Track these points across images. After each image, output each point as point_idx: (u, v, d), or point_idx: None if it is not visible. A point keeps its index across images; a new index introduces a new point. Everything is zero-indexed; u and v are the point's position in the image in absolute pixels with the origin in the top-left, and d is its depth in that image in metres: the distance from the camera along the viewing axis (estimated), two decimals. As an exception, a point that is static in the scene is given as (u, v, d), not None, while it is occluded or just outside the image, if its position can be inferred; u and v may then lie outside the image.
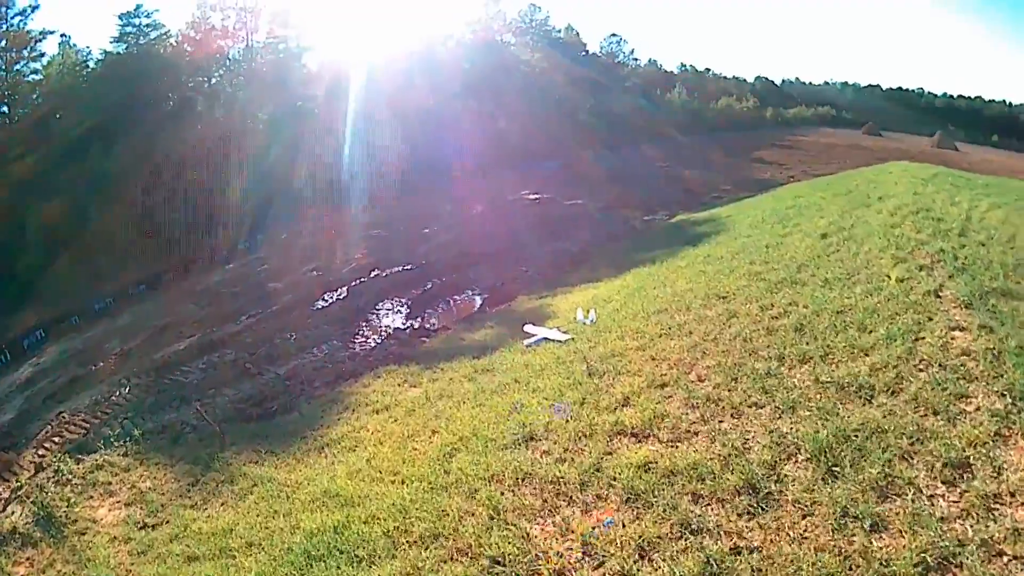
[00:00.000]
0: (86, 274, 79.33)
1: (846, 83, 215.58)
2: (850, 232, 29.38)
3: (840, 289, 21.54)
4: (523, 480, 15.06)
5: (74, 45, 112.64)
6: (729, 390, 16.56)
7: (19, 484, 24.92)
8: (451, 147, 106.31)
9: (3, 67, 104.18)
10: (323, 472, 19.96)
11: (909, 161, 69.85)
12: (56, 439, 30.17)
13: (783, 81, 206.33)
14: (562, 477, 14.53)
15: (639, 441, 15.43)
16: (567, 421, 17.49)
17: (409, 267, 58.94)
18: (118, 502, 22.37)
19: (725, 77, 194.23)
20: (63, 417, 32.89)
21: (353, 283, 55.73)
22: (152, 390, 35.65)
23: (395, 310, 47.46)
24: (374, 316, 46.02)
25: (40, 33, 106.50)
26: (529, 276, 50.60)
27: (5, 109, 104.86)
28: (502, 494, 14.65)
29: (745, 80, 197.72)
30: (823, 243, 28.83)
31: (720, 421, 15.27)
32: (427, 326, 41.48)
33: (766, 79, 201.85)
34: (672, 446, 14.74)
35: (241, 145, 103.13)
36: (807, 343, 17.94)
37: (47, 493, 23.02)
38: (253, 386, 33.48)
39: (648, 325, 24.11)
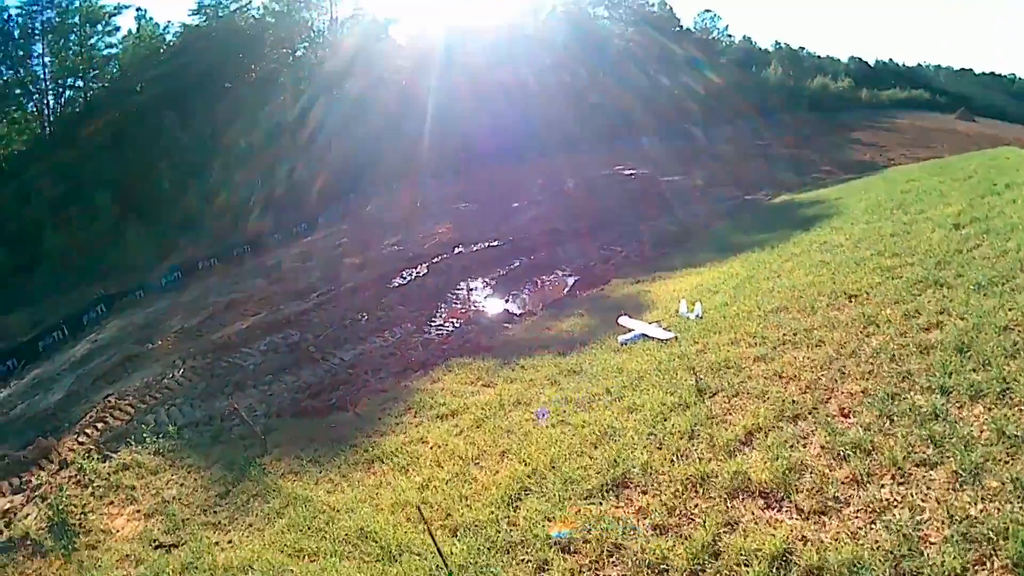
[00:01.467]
0: (156, 246, 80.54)
1: (939, 66, 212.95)
2: (987, 224, 25.25)
3: (1000, 297, 17.53)
4: (609, 555, 11.75)
5: (151, 19, 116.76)
6: (884, 434, 12.89)
7: (39, 482, 23.22)
8: (542, 121, 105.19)
9: (77, 42, 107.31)
10: (366, 498, 17.13)
11: (1005, 147, 66.48)
12: (99, 425, 28.37)
13: (876, 62, 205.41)
14: (664, 559, 11.15)
15: (769, 507, 11.87)
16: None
17: (495, 243, 55.98)
18: (138, 511, 20.16)
19: (819, 56, 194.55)
20: (109, 401, 31.21)
21: (435, 259, 52.91)
22: (206, 373, 33.76)
23: (477, 290, 43.92)
24: (454, 297, 42.52)
25: (115, 8, 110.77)
26: (624, 257, 46.73)
27: (80, 83, 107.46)
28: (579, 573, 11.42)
29: (839, 60, 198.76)
30: (959, 235, 24.84)
31: (880, 485, 11.58)
32: (511, 310, 38.09)
33: (860, 59, 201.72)
34: (816, 522, 11.14)
35: (325, 118, 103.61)
36: (975, 371, 14.15)
37: (66, 495, 21.20)
38: (314, 373, 30.90)
39: (766, 327, 20.45)
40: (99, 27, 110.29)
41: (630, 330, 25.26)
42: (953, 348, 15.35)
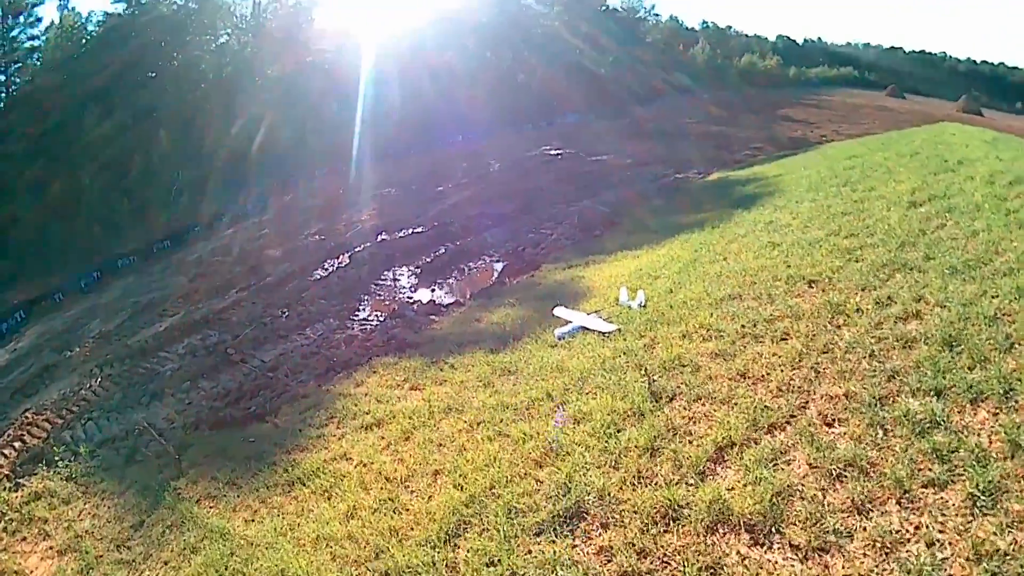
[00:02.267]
0: (79, 247, 78.01)
1: (868, 44, 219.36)
2: (947, 203, 23.75)
3: (979, 282, 15.88)
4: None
5: (73, 9, 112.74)
6: (880, 448, 11.06)
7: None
8: (468, 104, 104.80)
9: None
10: (287, 530, 15.14)
11: (933, 124, 67.19)
12: (16, 444, 26.99)
13: (805, 40, 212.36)
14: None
15: (758, 543, 9.92)
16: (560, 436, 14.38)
17: (420, 230, 54.05)
18: (51, 548, 18.47)
19: (746, 35, 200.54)
20: (27, 417, 29.73)
21: (357, 248, 50.88)
22: (123, 382, 31.99)
23: (402, 280, 42.04)
24: (378, 288, 40.67)
25: None
26: (554, 240, 44.90)
27: (2, 78, 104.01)
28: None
29: (766, 39, 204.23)
30: (918, 214, 23.32)
31: (885, 512, 9.73)
32: (437, 301, 36.23)
33: (787, 38, 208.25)
34: (818, 562, 9.30)
35: (247, 105, 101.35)
36: (971, 369, 12.42)
37: None
38: (233, 378, 29.22)
39: (720, 318, 18.56)
40: (21, 18, 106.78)
41: (567, 322, 23.25)
42: (940, 342, 13.63)
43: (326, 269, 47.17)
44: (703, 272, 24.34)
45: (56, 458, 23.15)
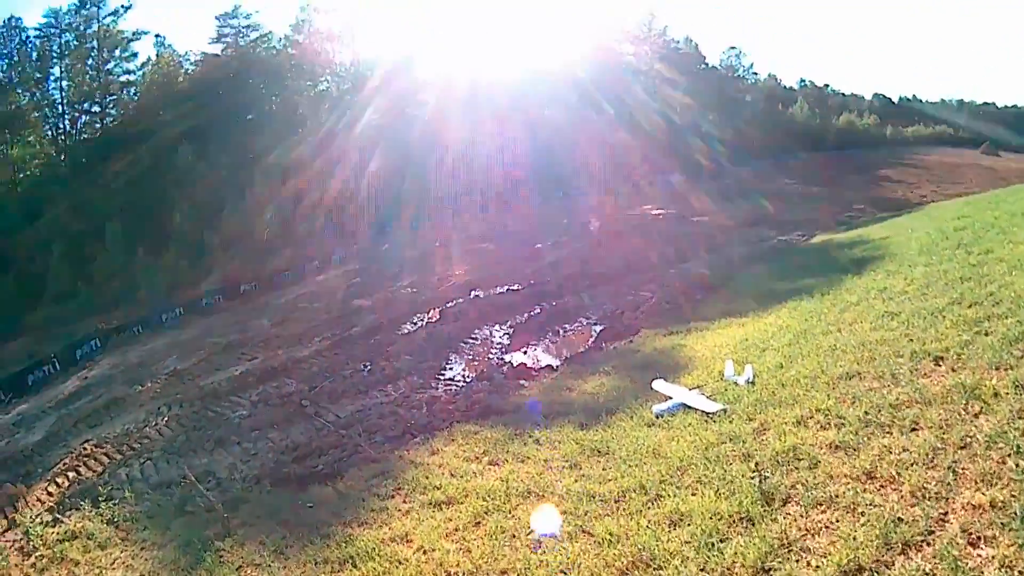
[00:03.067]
0: (164, 281, 79.13)
1: (962, 100, 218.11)
2: None
3: None
4: None
5: (170, 46, 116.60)
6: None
7: (-21, 548, 20.47)
8: (567, 159, 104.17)
9: (94, 66, 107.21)
10: None
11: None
12: (70, 474, 27.39)
13: (900, 98, 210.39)
14: None
15: None
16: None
17: (515, 288, 52.80)
18: None
19: (843, 93, 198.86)
20: (86, 448, 30.21)
21: (449, 304, 49.82)
22: (189, 425, 31.76)
23: (493, 340, 40.58)
24: (467, 347, 39.29)
25: (133, 33, 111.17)
26: (655, 304, 43.15)
27: (97, 108, 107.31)
28: None
29: (863, 97, 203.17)
30: None
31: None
32: (528, 364, 34.59)
33: (884, 96, 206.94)
34: None
35: (345, 152, 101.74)
36: None
37: (5, 561, 19.20)
38: (303, 431, 28.06)
39: (839, 401, 16.56)
40: (116, 52, 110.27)
41: (667, 397, 21.30)
42: (1097, 434, 11.57)
43: (415, 323, 46.08)
44: (815, 345, 22.37)
45: (102, 498, 21.97)
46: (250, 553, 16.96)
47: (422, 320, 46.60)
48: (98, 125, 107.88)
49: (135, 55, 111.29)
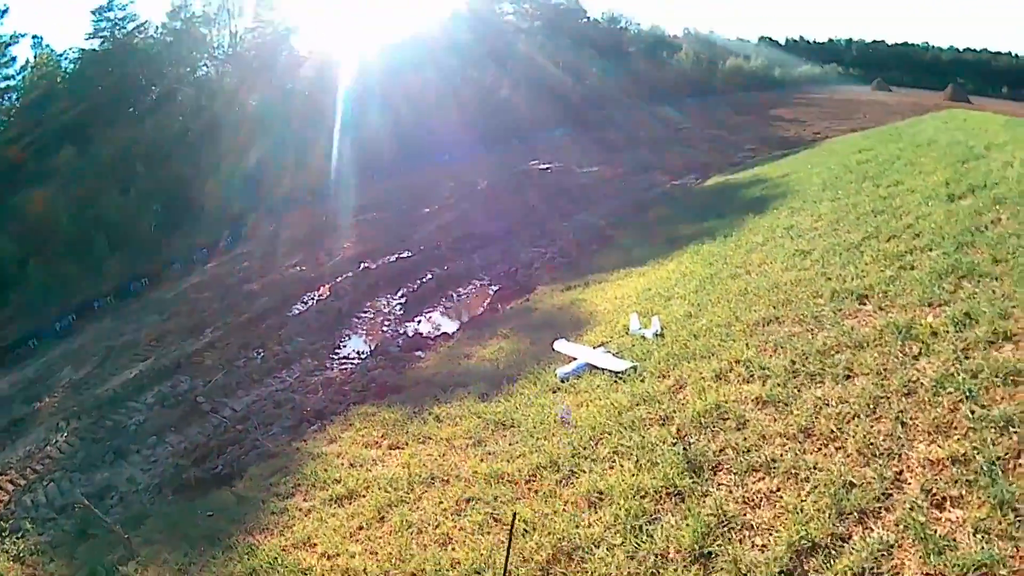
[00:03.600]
0: (59, 288, 74.72)
1: (851, 40, 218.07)
2: (993, 193, 20.45)
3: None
4: None
5: (47, 46, 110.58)
6: (1016, 542, 8.02)
7: None
8: (449, 122, 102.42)
9: None
10: None
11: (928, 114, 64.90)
12: None
13: (787, 40, 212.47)
14: None
15: None
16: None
17: (405, 255, 50.99)
18: None
19: (729, 39, 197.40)
20: None
21: (339, 279, 47.69)
22: (88, 437, 30.73)
23: (385, 311, 39.15)
24: (359, 321, 38.08)
25: (10, 37, 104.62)
26: (549, 259, 42.16)
27: None
28: None
29: (749, 41, 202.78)
30: (963, 208, 20.10)
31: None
32: (423, 333, 33.44)
33: (770, 39, 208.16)
34: None
35: (228, 134, 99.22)
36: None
37: None
38: (202, 430, 27.40)
39: (760, 351, 15.26)
40: None
41: (571, 359, 19.77)
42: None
43: (305, 303, 44.34)
44: (725, 290, 21.09)
45: (5, 532, 21.24)
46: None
47: (313, 298, 44.88)
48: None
49: (13, 60, 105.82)
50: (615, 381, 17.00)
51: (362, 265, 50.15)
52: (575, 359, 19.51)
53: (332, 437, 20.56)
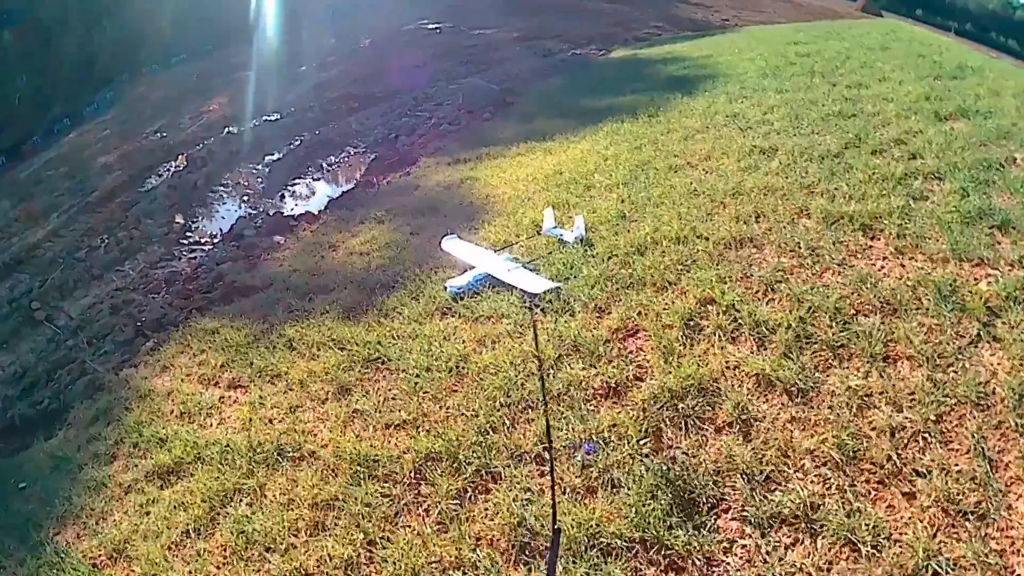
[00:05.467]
0: None
1: None
2: (990, 124, 17.06)
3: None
4: None
5: None
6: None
7: None
8: None
9: None
10: None
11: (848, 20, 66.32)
12: None
13: None
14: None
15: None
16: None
17: (275, 117, 45.76)
18: None
19: None
20: None
21: (198, 146, 42.21)
22: None
23: (245, 185, 34.11)
24: (215, 196, 33.31)
25: None
26: (434, 125, 37.01)
27: None
28: None
29: None
30: (960, 132, 16.80)
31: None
32: (284, 212, 28.83)
33: None
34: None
35: None
36: None
37: None
38: (33, 347, 22.78)
39: (742, 288, 11.21)
40: None
41: (466, 266, 14.71)
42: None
43: (160, 175, 38.88)
44: (667, 186, 16.55)
45: None
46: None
47: (168, 170, 39.32)
48: None
49: None
50: (529, 308, 12.48)
51: (226, 129, 45.16)
52: (471, 267, 14.50)
53: (166, 362, 16.07)
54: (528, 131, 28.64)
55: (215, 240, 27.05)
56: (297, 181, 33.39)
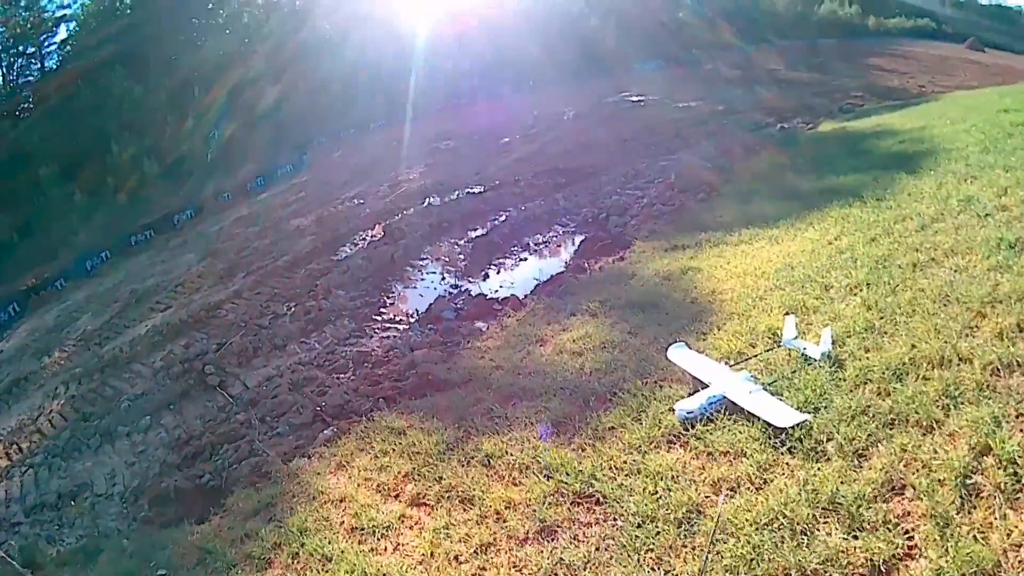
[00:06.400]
0: (102, 220, 72.57)
1: None
2: None
3: None
4: None
5: None
6: None
7: None
8: (536, 50, 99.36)
9: (26, 6, 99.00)
10: None
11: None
12: None
13: None
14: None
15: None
16: None
17: (477, 190, 44.91)
18: None
19: None
20: None
21: (397, 216, 41.72)
22: (80, 410, 26.92)
23: (446, 261, 33.13)
24: (413, 271, 32.35)
25: None
26: (647, 205, 35.29)
27: (32, 49, 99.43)
28: None
29: None
30: None
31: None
32: (488, 294, 27.53)
33: None
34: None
35: (297, 58, 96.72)
36: None
37: None
38: (201, 413, 23.02)
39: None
40: None
41: (697, 383, 13.07)
42: None
43: (355, 244, 38.56)
44: (915, 290, 14.60)
45: None
46: None
47: (363, 239, 39.23)
48: (36, 67, 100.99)
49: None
50: (774, 446, 10.73)
51: (426, 200, 44.74)
52: (703, 384, 12.83)
53: (343, 459, 15.01)
54: (747, 214, 26.95)
55: (411, 320, 26.12)
56: (502, 260, 32.13)
